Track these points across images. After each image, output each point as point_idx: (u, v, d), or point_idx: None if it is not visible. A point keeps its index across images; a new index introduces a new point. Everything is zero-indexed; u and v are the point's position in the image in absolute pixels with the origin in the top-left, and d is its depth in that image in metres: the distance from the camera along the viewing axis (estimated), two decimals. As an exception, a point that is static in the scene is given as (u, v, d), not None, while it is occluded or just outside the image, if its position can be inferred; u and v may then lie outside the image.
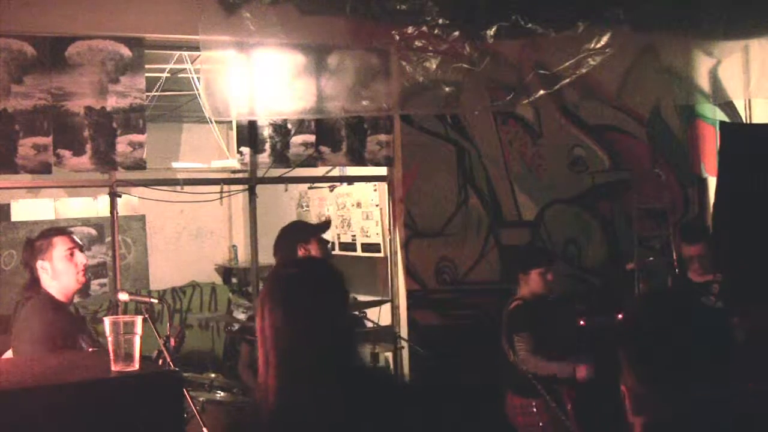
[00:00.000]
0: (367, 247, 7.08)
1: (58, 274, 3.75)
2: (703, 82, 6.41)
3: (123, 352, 2.47)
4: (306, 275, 2.18)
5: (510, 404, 4.91)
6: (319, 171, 6.55)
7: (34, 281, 3.77)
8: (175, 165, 7.30)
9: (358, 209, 7.20)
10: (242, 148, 5.61)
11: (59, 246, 3.77)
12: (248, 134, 5.59)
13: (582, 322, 5.15)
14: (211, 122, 6.08)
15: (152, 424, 2.42)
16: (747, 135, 6.58)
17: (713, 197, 6.47)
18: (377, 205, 6.84)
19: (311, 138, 5.72)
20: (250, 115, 5.45)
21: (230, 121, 6.04)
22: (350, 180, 7.01)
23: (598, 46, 5.68)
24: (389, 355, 6.01)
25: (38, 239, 3.83)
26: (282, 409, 2.01)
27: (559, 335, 4.94)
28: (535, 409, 4.75)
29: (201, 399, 4.68)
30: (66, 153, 4.99)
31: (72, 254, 3.78)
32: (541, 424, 4.73)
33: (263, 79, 5.39)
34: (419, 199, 5.97)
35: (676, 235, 5.75)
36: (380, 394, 2.10)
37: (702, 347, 1.69)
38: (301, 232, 4.75)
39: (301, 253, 4.53)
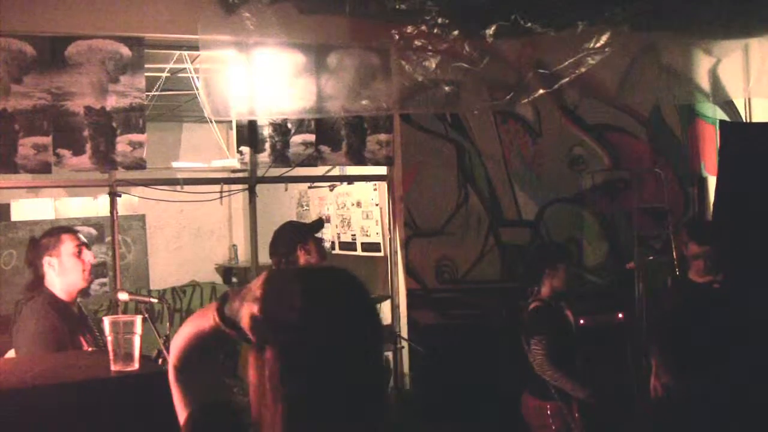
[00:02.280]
0: (367, 246, 7.08)
1: (66, 270, 3.74)
2: (703, 81, 6.40)
3: (122, 352, 2.47)
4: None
5: (525, 404, 4.87)
6: (319, 170, 6.55)
7: (38, 280, 3.77)
8: (174, 165, 7.30)
9: (358, 208, 7.21)
10: (242, 148, 5.61)
11: (68, 243, 3.77)
12: (248, 134, 5.59)
13: (582, 322, 5.15)
14: (211, 122, 6.08)
15: (152, 424, 2.42)
16: (747, 134, 6.58)
17: (713, 196, 6.47)
18: (377, 205, 6.84)
19: (311, 137, 5.72)
20: (250, 115, 5.45)
21: (230, 121, 6.04)
22: (350, 179, 7.01)
23: (598, 45, 5.68)
24: (389, 354, 6.01)
25: (45, 237, 3.83)
26: None
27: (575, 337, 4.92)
28: (548, 411, 4.74)
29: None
30: (66, 152, 4.99)
31: (80, 252, 3.78)
32: (554, 427, 4.72)
33: (263, 79, 5.39)
34: (419, 199, 5.97)
35: (682, 233, 5.73)
36: None
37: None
38: (299, 232, 4.73)
39: (300, 253, 4.54)
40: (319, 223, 5.00)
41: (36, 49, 4.92)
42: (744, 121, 6.92)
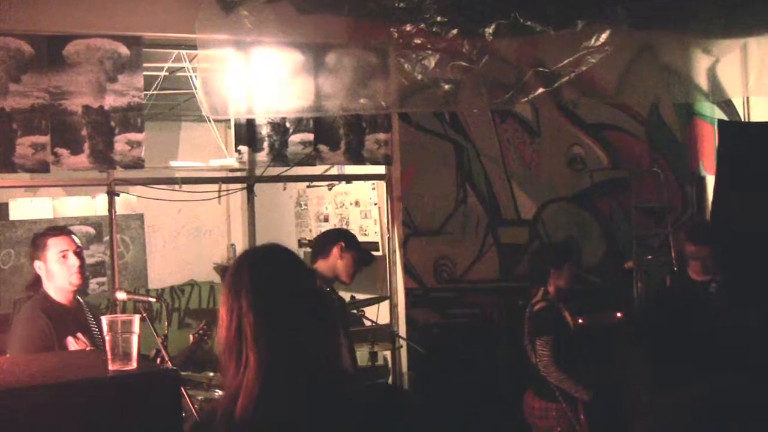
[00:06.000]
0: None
1: (52, 275, 3.75)
2: (702, 80, 6.41)
3: (120, 351, 2.46)
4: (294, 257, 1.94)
5: (528, 404, 4.86)
6: (318, 170, 6.54)
7: (38, 278, 3.79)
8: (173, 164, 7.29)
9: (356, 208, 7.20)
10: (240, 147, 5.60)
11: (52, 248, 3.76)
12: (246, 133, 5.58)
13: (580, 321, 5.15)
14: (209, 121, 6.07)
15: (150, 423, 2.42)
16: (745, 133, 6.58)
17: (711, 195, 6.47)
18: (376, 204, 6.83)
19: (310, 136, 5.71)
20: (248, 114, 5.44)
21: (228, 120, 6.03)
22: (349, 179, 7.00)
23: (597, 44, 5.68)
24: (387, 353, 6.01)
25: (37, 238, 3.83)
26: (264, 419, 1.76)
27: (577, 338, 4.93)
28: (554, 413, 4.73)
29: (199, 398, 4.68)
30: (64, 152, 4.98)
31: (65, 256, 3.75)
32: (559, 429, 4.71)
33: (261, 78, 5.38)
34: (418, 198, 5.96)
35: (680, 234, 5.73)
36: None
37: (703, 345, 1.69)
38: (343, 236, 4.51)
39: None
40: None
41: (34, 48, 4.91)
42: (742, 120, 6.92)
